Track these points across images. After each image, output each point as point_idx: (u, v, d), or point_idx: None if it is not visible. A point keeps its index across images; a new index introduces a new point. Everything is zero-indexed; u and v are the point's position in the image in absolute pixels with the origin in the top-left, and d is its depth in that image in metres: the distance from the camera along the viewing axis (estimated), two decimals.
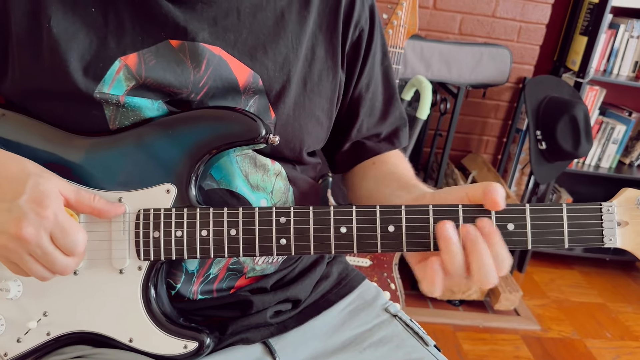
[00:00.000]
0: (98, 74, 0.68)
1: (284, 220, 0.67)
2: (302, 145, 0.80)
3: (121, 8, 0.69)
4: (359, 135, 0.89)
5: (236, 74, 0.73)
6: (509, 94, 2.61)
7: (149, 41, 0.70)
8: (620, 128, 2.58)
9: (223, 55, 0.72)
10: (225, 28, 0.73)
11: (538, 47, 2.53)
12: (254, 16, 0.74)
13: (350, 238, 0.66)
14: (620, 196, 0.65)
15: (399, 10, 1.73)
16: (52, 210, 0.62)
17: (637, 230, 0.64)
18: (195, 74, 0.71)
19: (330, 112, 0.83)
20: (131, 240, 0.69)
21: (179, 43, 0.71)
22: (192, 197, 0.69)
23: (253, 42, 0.74)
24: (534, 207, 0.64)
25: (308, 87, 0.78)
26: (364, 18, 0.82)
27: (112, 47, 0.69)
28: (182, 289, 0.76)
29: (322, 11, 0.78)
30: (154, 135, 0.69)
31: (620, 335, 2.31)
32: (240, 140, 0.69)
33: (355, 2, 0.80)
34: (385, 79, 0.90)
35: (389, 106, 0.91)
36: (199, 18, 0.71)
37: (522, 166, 2.64)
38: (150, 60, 0.70)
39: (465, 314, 2.26)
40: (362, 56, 0.83)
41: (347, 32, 0.81)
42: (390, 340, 0.84)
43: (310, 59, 0.78)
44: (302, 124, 0.78)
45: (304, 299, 0.87)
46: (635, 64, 2.52)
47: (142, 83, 0.70)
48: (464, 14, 2.44)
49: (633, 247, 0.65)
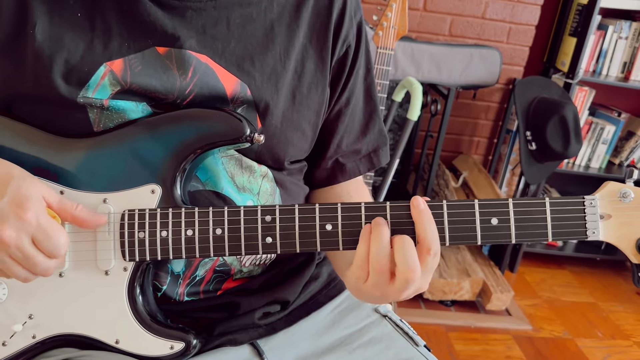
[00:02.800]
0: (82, 78, 0.68)
1: (269, 218, 0.67)
2: (285, 155, 0.80)
3: (108, 13, 0.69)
4: (338, 151, 0.88)
5: (223, 82, 0.72)
6: (499, 95, 2.62)
7: (135, 47, 0.69)
8: (610, 128, 2.60)
9: (210, 64, 0.72)
10: (213, 37, 0.72)
11: (528, 48, 2.55)
12: (243, 27, 0.74)
13: (335, 235, 0.67)
14: (603, 190, 0.65)
15: (389, 11, 1.73)
16: (33, 212, 0.62)
17: (620, 223, 0.65)
18: (181, 81, 0.71)
19: (316, 125, 0.82)
20: (116, 241, 0.69)
21: (166, 50, 0.70)
22: (177, 197, 0.69)
23: (241, 53, 0.73)
24: (517, 201, 0.65)
25: (297, 100, 0.78)
26: (352, 34, 0.82)
27: (97, 52, 0.68)
28: (168, 290, 0.76)
29: (313, 25, 0.78)
30: (138, 136, 0.69)
31: (611, 334, 2.32)
32: (225, 139, 0.69)
33: (344, 18, 0.80)
34: (367, 95, 0.89)
35: (369, 122, 0.90)
36: (187, 26, 0.71)
37: (512, 167, 2.65)
38: (136, 66, 0.69)
39: (457, 314, 2.27)
40: (346, 72, 0.83)
41: (335, 47, 0.80)
42: (380, 340, 0.84)
43: (300, 72, 0.78)
44: (287, 136, 0.78)
45: (292, 300, 0.87)
46: (623, 64, 2.54)
47: (127, 88, 0.70)
48: (454, 16, 2.45)
49: (616, 239, 0.65)
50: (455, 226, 0.66)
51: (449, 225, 0.65)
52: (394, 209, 0.66)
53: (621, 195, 0.65)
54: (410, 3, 2.38)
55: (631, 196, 0.64)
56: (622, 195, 0.65)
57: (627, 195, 0.64)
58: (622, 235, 0.65)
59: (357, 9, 0.84)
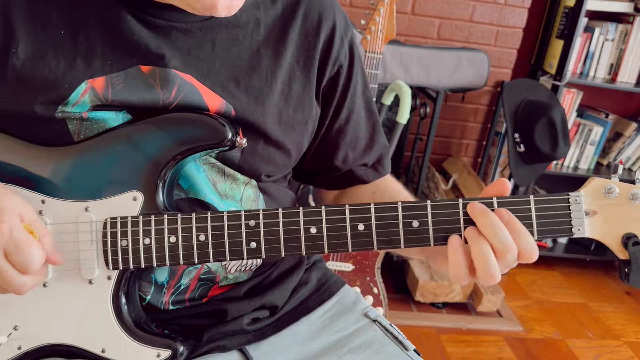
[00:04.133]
0: (62, 94, 0.67)
1: (253, 223, 0.67)
2: (265, 172, 0.80)
3: (92, 31, 0.68)
4: (345, 165, 0.90)
5: (208, 102, 0.72)
6: (487, 97, 2.63)
7: (118, 65, 0.69)
8: (598, 130, 2.61)
9: (195, 84, 0.71)
10: (198, 58, 0.72)
11: (515, 51, 2.56)
12: (229, 49, 0.73)
13: (320, 238, 0.67)
14: (588, 186, 0.65)
15: (377, 16, 1.74)
16: (7, 225, 0.61)
17: (606, 219, 0.64)
18: (164, 100, 0.70)
19: (301, 144, 0.83)
20: (99, 250, 0.68)
21: (150, 69, 0.70)
22: (160, 204, 0.69)
23: (226, 75, 0.73)
24: (501, 199, 0.64)
25: (283, 121, 0.77)
26: (343, 54, 0.82)
27: (79, 70, 0.68)
28: (152, 300, 0.75)
29: (301, 46, 0.78)
30: (118, 143, 0.69)
31: (602, 334, 2.33)
32: (206, 143, 0.69)
33: (334, 39, 0.80)
34: (368, 109, 0.91)
35: (373, 135, 0.92)
36: (172, 46, 0.70)
37: (501, 169, 2.66)
38: (119, 84, 0.69)
39: (448, 317, 2.27)
40: (339, 91, 0.84)
41: (325, 68, 0.81)
42: (370, 345, 0.84)
43: (287, 93, 0.78)
44: (270, 155, 0.78)
45: (281, 306, 0.87)
46: (610, 66, 2.56)
47: (107, 104, 0.69)
48: (442, 19, 2.46)
49: (602, 236, 0.65)
50: (440, 226, 0.65)
51: (433, 225, 0.65)
52: (379, 211, 0.66)
53: (606, 191, 0.64)
54: (398, 7, 2.39)
55: (616, 192, 0.64)
56: (607, 191, 0.64)
57: (612, 190, 0.64)
58: (608, 231, 0.64)
59: (347, 27, 0.84)
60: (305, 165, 0.94)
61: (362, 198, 0.93)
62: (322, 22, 0.79)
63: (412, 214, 0.65)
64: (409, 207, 0.65)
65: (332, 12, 0.81)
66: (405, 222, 0.65)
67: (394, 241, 0.66)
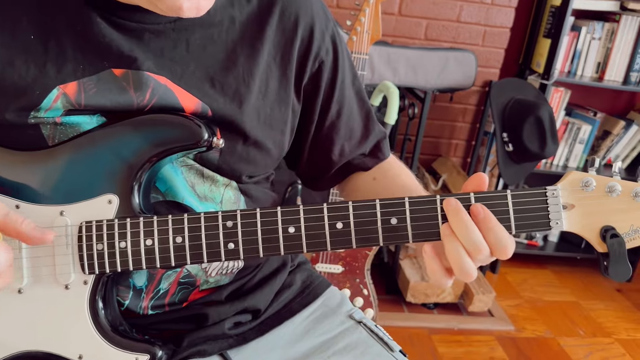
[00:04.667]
0: (34, 101, 0.66)
1: (231, 224, 0.66)
2: (246, 172, 0.79)
3: (63, 35, 0.67)
4: (342, 158, 0.89)
5: (183, 103, 0.71)
6: (476, 97, 2.64)
7: (90, 70, 0.67)
8: (586, 128, 2.62)
9: (169, 85, 0.70)
10: (172, 60, 0.70)
11: (503, 51, 2.57)
12: (203, 49, 0.72)
13: (299, 238, 0.66)
14: (565, 180, 0.64)
15: (362, 16, 1.73)
16: None
17: (584, 212, 0.64)
18: (138, 102, 0.69)
19: (282, 143, 0.81)
20: (75, 254, 0.67)
21: (123, 72, 0.68)
22: (136, 207, 0.68)
23: (202, 75, 0.72)
24: (478, 195, 0.64)
25: (261, 120, 0.76)
26: (325, 49, 0.81)
27: (50, 75, 0.66)
28: (130, 305, 0.74)
29: (277, 43, 0.77)
30: (93, 146, 0.68)
31: (593, 332, 2.34)
32: (182, 145, 0.68)
33: (314, 34, 0.79)
34: (359, 99, 0.90)
35: (368, 124, 0.91)
36: (145, 48, 0.69)
37: (491, 168, 2.66)
38: (91, 88, 0.67)
39: (439, 317, 2.27)
40: (324, 86, 0.83)
41: (306, 64, 0.79)
42: (355, 347, 0.84)
43: (264, 91, 0.76)
44: (250, 154, 0.77)
45: (264, 309, 0.86)
46: (597, 65, 2.57)
47: (80, 109, 0.68)
48: (429, 20, 2.46)
49: (580, 229, 0.64)
50: (418, 223, 0.65)
51: (411, 222, 0.65)
52: (357, 209, 0.65)
53: (583, 185, 0.63)
54: (385, 8, 2.39)
55: (593, 185, 0.63)
56: (584, 185, 0.63)
57: (590, 184, 0.63)
58: (586, 224, 0.64)
59: (327, 21, 0.82)
60: (302, 170, 0.93)
61: (363, 184, 0.92)
62: (300, 18, 0.78)
63: (390, 211, 0.65)
64: (387, 205, 0.65)
65: (310, 7, 0.79)
66: (383, 219, 0.65)
67: (373, 239, 0.65)
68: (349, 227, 0.65)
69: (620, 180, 0.63)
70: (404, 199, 0.65)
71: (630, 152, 2.74)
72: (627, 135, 2.69)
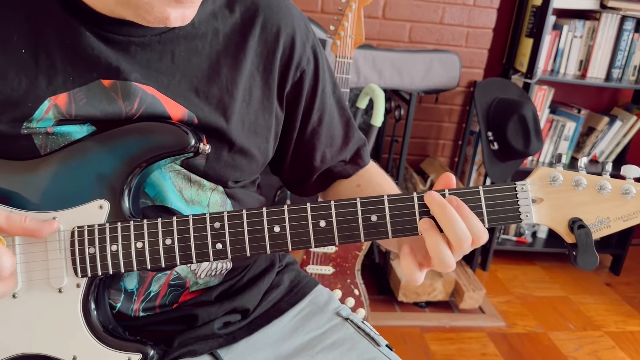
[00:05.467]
0: (26, 112, 0.68)
1: (218, 225, 0.69)
2: (232, 178, 0.81)
3: (52, 49, 0.69)
4: (323, 165, 0.92)
5: (170, 112, 0.73)
6: (461, 97, 2.67)
7: (80, 81, 0.70)
8: (571, 125, 2.66)
9: (156, 95, 0.73)
10: (158, 71, 0.73)
11: (486, 51, 2.60)
12: (188, 60, 0.75)
13: (284, 237, 0.68)
14: (534, 175, 0.68)
15: (345, 21, 1.76)
16: None
17: (552, 206, 0.67)
18: (127, 112, 0.72)
19: (266, 149, 0.84)
20: (67, 258, 0.70)
21: (111, 82, 0.71)
22: (126, 211, 0.70)
23: (187, 86, 0.74)
24: (453, 191, 0.67)
25: (245, 127, 0.79)
26: (306, 59, 0.84)
27: (42, 87, 0.69)
28: (122, 308, 0.77)
29: (260, 53, 0.79)
30: (83, 153, 0.70)
31: (583, 326, 2.37)
32: (170, 151, 0.70)
33: (295, 45, 0.82)
34: (340, 107, 0.92)
35: (348, 131, 0.93)
36: (131, 60, 0.72)
37: (477, 167, 2.70)
38: (81, 99, 0.70)
39: (431, 315, 2.30)
40: (306, 95, 0.85)
41: (287, 74, 0.82)
42: (343, 343, 0.86)
43: (248, 100, 0.79)
44: (236, 161, 0.80)
45: (252, 309, 0.88)
46: (580, 62, 2.61)
47: (71, 120, 0.71)
48: (413, 22, 2.50)
49: (549, 221, 0.67)
50: (397, 219, 0.67)
51: (390, 219, 0.67)
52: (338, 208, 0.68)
53: (551, 179, 0.67)
54: (369, 11, 2.42)
55: (560, 179, 0.67)
56: (552, 179, 0.67)
57: (557, 178, 0.67)
58: (555, 217, 0.67)
59: (307, 32, 0.85)
60: (285, 176, 0.95)
61: (347, 191, 0.94)
62: (281, 29, 0.81)
63: (370, 209, 0.67)
64: (367, 203, 0.68)
65: (291, 19, 0.82)
66: (364, 217, 0.68)
67: (354, 235, 0.68)
68: (331, 225, 0.68)
69: (586, 175, 0.67)
70: (383, 196, 0.68)
71: (615, 147, 2.78)
72: (612, 130, 2.74)
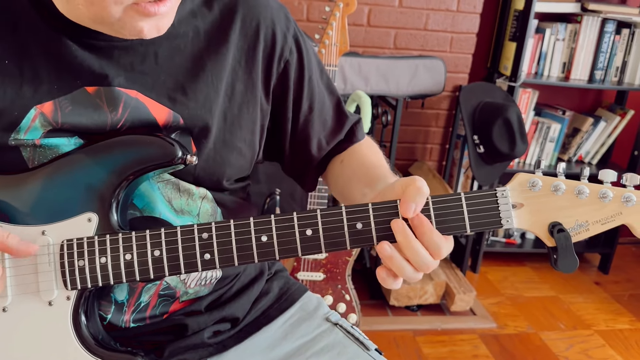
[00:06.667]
0: (13, 122, 0.70)
1: (206, 235, 0.70)
2: (224, 176, 0.82)
3: (36, 58, 0.70)
4: (321, 152, 0.92)
5: (154, 114, 0.74)
6: (447, 102, 2.70)
7: (64, 89, 0.71)
8: (556, 126, 2.70)
9: (140, 98, 0.74)
10: (142, 72, 0.74)
11: (470, 56, 2.63)
12: (172, 59, 0.76)
13: (271, 245, 0.69)
14: (514, 181, 0.70)
15: (330, 30, 1.78)
16: None
17: (532, 210, 0.69)
18: (112, 117, 0.73)
19: (253, 143, 0.85)
20: (57, 271, 0.70)
21: (95, 89, 0.72)
22: (114, 223, 0.71)
23: (172, 85, 0.75)
24: (435, 198, 0.68)
25: (228, 121, 0.80)
26: (288, 49, 0.84)
27: (27, 97, 0.70)
28: (113, 319, 0.77)
29: (241, 48, 0.80)
30: (71, 167, 0.71)
31: (573, 325, 2.39)
32: (157, 163, 0.71)
33: (276, 37, 0.83)
34: (330, 92, 0.93)
35: (340, 114, 0.93)
36: (115, 65, 0.73)
37: (465, 170, 2.72)
38: (67, 107, 0.71)
39: (423, 319, 2.31)
40: (293, 85, 0.86)
41: (271, 67, 0.83)
42: (332, 348, 0.86)
43: (230, 94, 0.80)
44: (223, 156, 0.80)
45: (242, 317, 0.89)
46: (563, 65, 2.65)
47: (58, 128, 0.71)
48: (398, 29, 2.52)
49: (529, 226, 0.69)
50: (381, 226, 0.68)
51: (375, 226, 0.69)
52: (324, 216, 0.69)
53: (530, 185, 0.69)
54: (354, 19, 2.45)
55: (539, 184, 0.68)
56: (531, 185, 0.69)
57: (536, 184, 0.68)
58: (535, 221, 0.69)
59: (287, 22, 0.85)
60: (291, 172, 0.95)
61: (332, 169, 0.94)
62: (261, 23, 0.82)
63: (355, 217, 0.69)
64: (352, 211, 0.69)
65: (270, 12, 0.83)
66: (349, 224, 0.69)
67: (340, 242, 0.69)
68: (317, 233, 0.69)
69: (565, 180, 0.69)
70: (367, 205, 0.69)
71: (600, 147, 2.82)
72: (596, 131, 2.77)
